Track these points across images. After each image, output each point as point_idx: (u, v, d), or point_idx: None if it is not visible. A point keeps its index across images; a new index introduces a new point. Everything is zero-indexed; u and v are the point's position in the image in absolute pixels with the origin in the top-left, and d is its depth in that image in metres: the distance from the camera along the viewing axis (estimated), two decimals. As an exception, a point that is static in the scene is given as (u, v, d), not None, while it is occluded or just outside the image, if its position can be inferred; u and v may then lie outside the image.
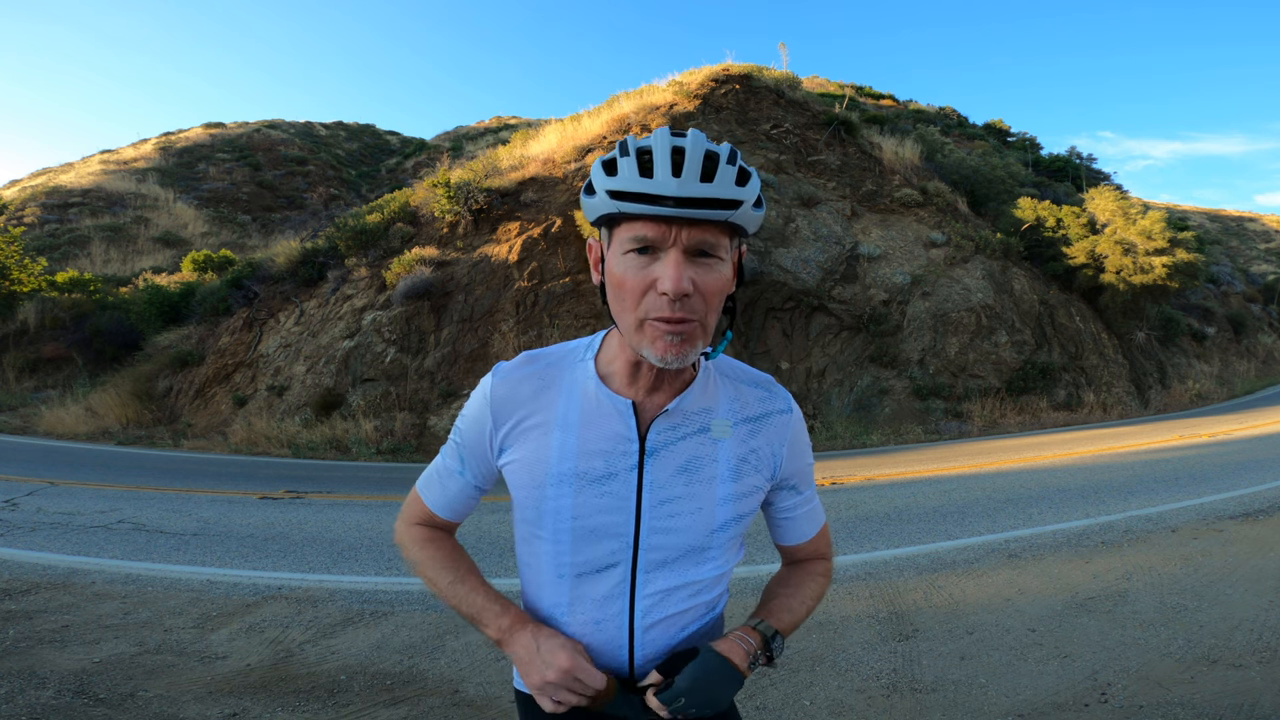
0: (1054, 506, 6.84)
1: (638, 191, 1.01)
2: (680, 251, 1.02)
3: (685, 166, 1.00)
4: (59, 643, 3.96)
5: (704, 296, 1.05)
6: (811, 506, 1.39)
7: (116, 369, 16.39)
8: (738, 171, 1.04)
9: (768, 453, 1.25)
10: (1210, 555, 5.23)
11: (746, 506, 1.24)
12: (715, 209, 1.01)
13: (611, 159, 1.07)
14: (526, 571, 1.29)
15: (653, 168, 1.02)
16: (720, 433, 1.21)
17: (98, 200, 29.67)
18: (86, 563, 5.38)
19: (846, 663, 3.71)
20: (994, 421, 14.20)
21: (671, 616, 1.22)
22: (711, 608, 1.29)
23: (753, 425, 1.24)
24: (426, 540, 1.36)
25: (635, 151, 1.04)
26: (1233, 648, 3.70)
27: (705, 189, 1.00)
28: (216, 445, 12.44)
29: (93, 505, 7.16)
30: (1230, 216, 58.50)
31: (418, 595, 4.84)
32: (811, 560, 1.44)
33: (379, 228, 16.21)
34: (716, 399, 1.23)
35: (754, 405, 1.25)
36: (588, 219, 1.13)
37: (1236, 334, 26.70)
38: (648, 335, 1.06)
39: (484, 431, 1.24)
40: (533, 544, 1.24)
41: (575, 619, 1.22)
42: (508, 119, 48.81)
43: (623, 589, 1.20)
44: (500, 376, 1.25)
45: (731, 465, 1.21)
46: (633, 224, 1.04)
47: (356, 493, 8.43)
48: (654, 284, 1.03)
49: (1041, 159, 33.63)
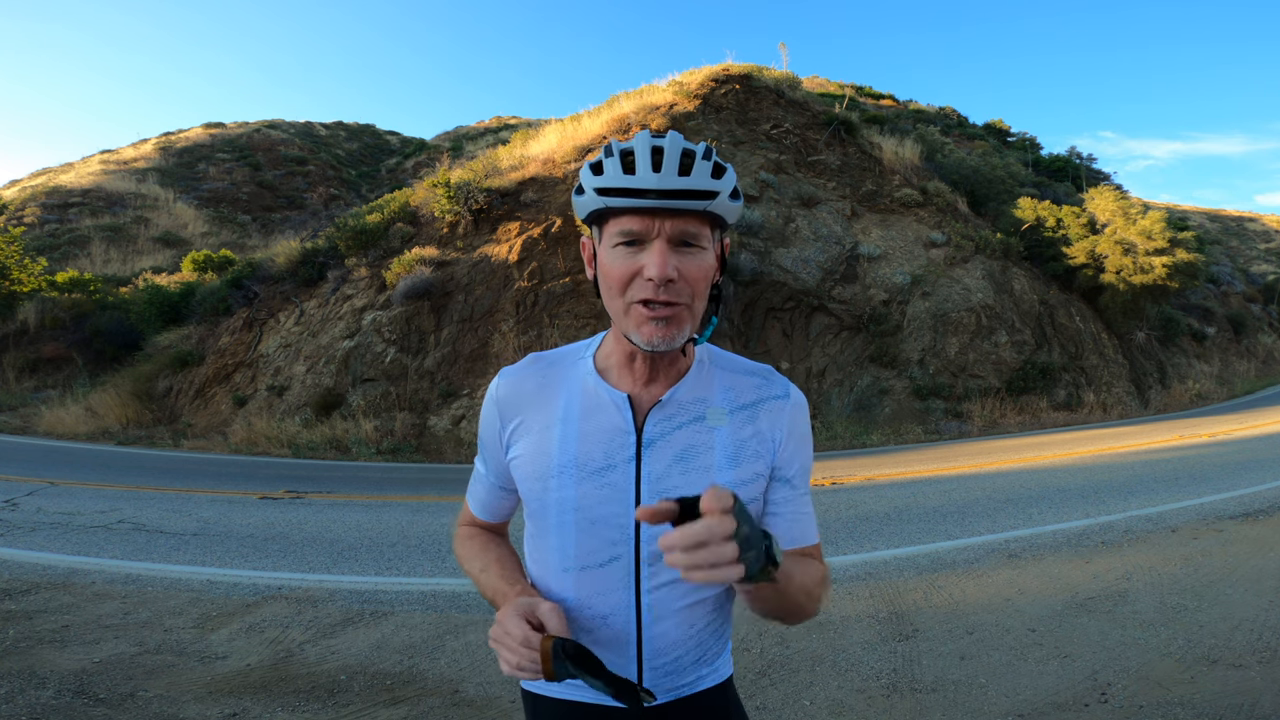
0: (1054, 506, 6.84)
1: (622, 187, 1.09)
2: (664, 241, 1.10)
3: (664, 163, 1.08)
4: (59, 643, 3.96)
5: (689, 282, 1.11)
6: (803, 509, 1.30)
7: (116, 369, 16.38)
8: (713, 166, 1.12)
9: (765, 438, 1.25)
10: (1210, 555, 5.23)
11: (747, 494, 1.23)
12: (693, 199, 1.09)
13: (598, 161, 1.15)
14: (534, 567, 1.30)
15: (635, 165, 1.09)
16: (716, 420, 1.23)
17: (98, 200, 29.66)
18: (86, 563, 5.38)
19: (846, 663, 3.71)
20: (994, 421, 14.20)
21: (679, 611, 1.22)
22: (719, 605, 1.29)
23: (749, 412, 1.25)
24: (466, 537, 1.43)
25: (619, 152, 1.12)
26: (1233, 648, 3.71)
27: (683, 181, 1.08)
28: (216, 445, 12.44)
29: (93, 505, 7.16)
30: (1230, 216, 58.54)
31: (418, 595, 4.84)
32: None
33: (379, 228, 16.20)
34: (711, 388, 1.25)
35: (749, 392, 1.27)
36: (579, 217, 1.21)
37: (1236, 334, 26.71)
38: (634, 319, 1.13)
39: (494, 430, 1.30)
40: (539, 538, 1.27)
41: (583, 613, 1.23)
42: (508, 119, 48.80)
43: (627, 582, 1.21)
44: (505, 377, 1.31)
45: (729, 452, 1.22)
46: (620, 218, 1.11)
47: (356, 493, 8.43)
48: (640, 271, 1.10)
49: (1041, 159, 33.64)
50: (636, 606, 1.21)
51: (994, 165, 23.56)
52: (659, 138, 1.12)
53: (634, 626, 1.22)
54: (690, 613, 1.24)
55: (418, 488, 8.93)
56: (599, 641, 1.22)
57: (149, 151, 36.79)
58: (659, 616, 1.22)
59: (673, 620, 1.23)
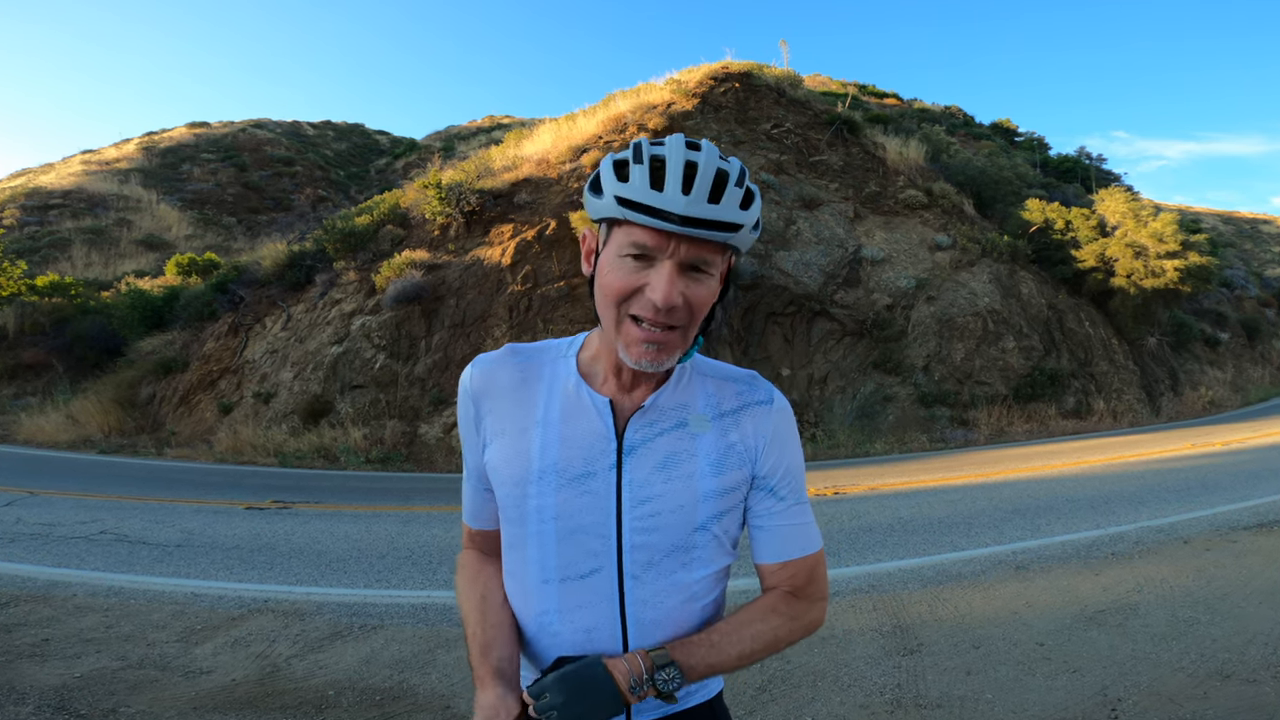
0: (1063, 517, 6.85)
1: (646, 204, 1.04)
2: (675, 264, 1.07)
3: (696, 184, 1.04)
4: (39, 657, 3.96)
5: (690, 308, 1.10)
6: (791, 522, 1.27)
7: (98, 375, 16.39)
8: (744, 194, 1.09)
9: (748, 445, 1.24)
10: (1224, 567, 5.24)
11: (729, 503, 1.22)
12: (717, 230, 1.06)
13: (624, 161, 1.10)
14: (511, 580, 1.27)
15: (664, 180, 1.05)
16: (698, 427, 1.22)
17: (79, 202, 29.70)
18: (67, 575, 5.37)
19: (849, 678, 3.72)
20: (1001, 430, 14.22)
21: (666, 624, 1.20)
22: (709, 619, 1.26)
23: (732, 418, 1.24)
24: (468, 575, 1.35)
25: (649, 159, 1.08)
26: (1246, 662, 3.72)
27: (711, 210, 1.04)
28: (201, 454, 12.42)
29: (73, 516, 7.15)
30: (1244, 219, 58.66)
31: (408, 608, 4.84)
32: (777, 589, 1.28)
33: (368, 230, 16.23)
34: (694, 394, 1.25)
35: (732, 399, 1.26)
36: (590, 215, 1.16)
37: (1250, 339, 26.76)
38: (625, 335, 1.11)
39: (471, 424, 1.27)
40: (516, 549, 1.24)
41: (566, 626, 1.20)
42: (501, 118, 48.92)
43: (611, 593, 1.19)
44: (479, 366, 1.28)
45: (712, 460, 1.21)
46: (634, 229, 1.07)
47: (345, 503, 8.42)
48: (644, 288, 1.08)
49: (1050, 159, 33.77)
50: (621, 619, 1.20)
51: (1001, 166, 23.63)
52: (694, 150, 1.08)
53: (619, 642, 1.20)
54: (679, 627, 1.22)
55: (408, 498, 8.92)
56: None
57: (132, 151, 36.86)
58: (646, 631, 1.20)
59: (660, 635, 1.20)
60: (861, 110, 23.94)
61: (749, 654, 1.21)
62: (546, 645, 1.22)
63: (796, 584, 1.27)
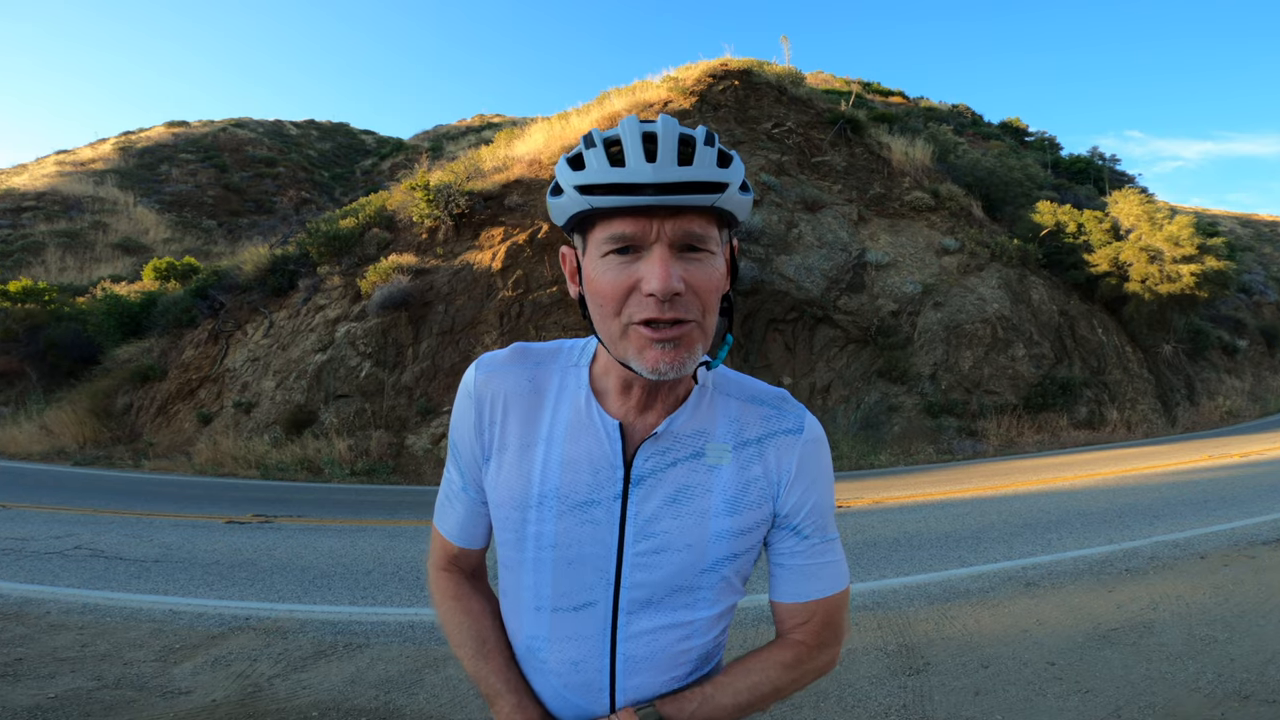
0: (1075, 532, 6.87)
1: (610, 183, 0.97)
2: (666, 246, 0.98)
3: (660, 151, 0.96)
4: (11, 677, 3.95)
5: (697, 294, 1.00)
6: (815, 561, 1.20)
7: (73, 384, 16.35)
8: (718, 153, 1.01)
9: (770, 480, 1.15)
10: (1242, 584, 5.25)
11: (744, 544, 1.15)
12: (699, 193, 0.97)
13: (577, 154, 1.03)
14: (505, 600, 1.24)
15: (624, 156, 0.98)
16: (716, 459, 1.13)
17: (53, 204, 29.68)
18: (41, 591, 5.35)
19: (853, 698, 3.72)
20: (1010, 440, 14.25)
21: (659, 661, 1.16)
22: (707, 655, 1.22)
23: (754, 449, 1.15)
24: (453, 596, 1.29)
25: (603, 142, 1.01)
26: (1266, 682, 3.72)
27: (685, 172, 0.96)
28: (180, 466, 12.41)
29: (47, 530, 7.14)
30: (1264, 221, 58.76)
31: (394, 626, 4.84)
32: (789, 636, 1.22)
33: (353, 233, 16.23)
34: (714, 419, 1.16)
35: (756, 425, 1.16)
36: (557, 223, 1.08)
37: (1270, 347, 26.86)
38: (634, 343, 1.01)
39: (472, 433, 1.20)
40: (514, 571, 1.19)
41: (554, 655, 1.17)
42: (491, 117, 48.97)
43: (603, 628, 1.15)
44: (487, 370, 1.20)
45: (728, 497, 1.13)
46: (609, 222, 0.99)
47: (329, 517, 8.41)
48: (638, 285, 0.99)
49: (1061, 160, 33.91)
50: (611, 656, 1.16)
51: (1010, 167, 23.70)
52: (649, 123, 1.00)
53: (607, 677, 1.16)
54: (672, 665, 1.18)
55: (395, 511, 8.92)
56: (568, 686, 1.18)
57: (108, 152, 36.83)
58: (636, 668, 1.16)
59: (651, 673, 1.17)
60: (866, 109, 24.01)
61: (746, 706, 1.17)
62: (532, 670, 1.21)
63: (813, 628, 1.20)
